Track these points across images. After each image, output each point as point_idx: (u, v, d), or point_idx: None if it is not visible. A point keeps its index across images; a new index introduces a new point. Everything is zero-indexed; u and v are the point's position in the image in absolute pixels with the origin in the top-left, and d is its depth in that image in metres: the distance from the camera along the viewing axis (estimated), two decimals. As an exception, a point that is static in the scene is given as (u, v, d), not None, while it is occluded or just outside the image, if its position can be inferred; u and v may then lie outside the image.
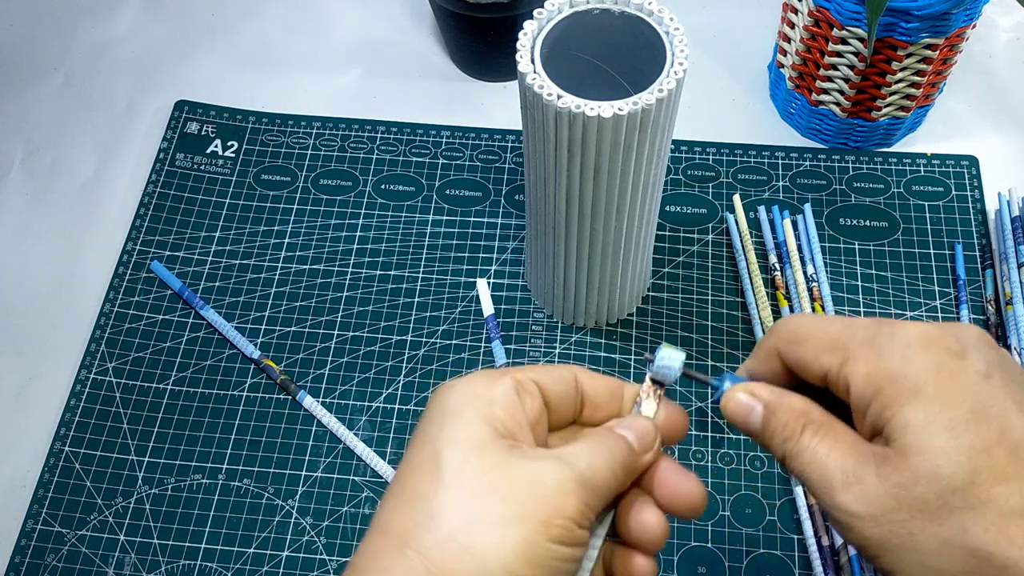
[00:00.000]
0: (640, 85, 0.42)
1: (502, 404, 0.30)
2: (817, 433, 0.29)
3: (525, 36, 0.43)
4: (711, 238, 0.60)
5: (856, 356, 0.28)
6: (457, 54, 0.68)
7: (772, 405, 0.31)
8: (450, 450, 0.28)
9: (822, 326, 0.30)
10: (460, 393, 0.30)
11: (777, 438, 0.30)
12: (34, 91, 0.69)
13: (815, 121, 0.63)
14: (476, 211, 0.62)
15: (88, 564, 0.51)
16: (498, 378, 0.31)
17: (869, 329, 0.29)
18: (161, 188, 0.63)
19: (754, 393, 0.31)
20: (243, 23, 0.72)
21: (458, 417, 0.29)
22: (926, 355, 0.27)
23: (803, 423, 0.30)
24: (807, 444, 0.29)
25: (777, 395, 0.31)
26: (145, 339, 0.57)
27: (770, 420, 0.31)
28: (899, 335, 0.28)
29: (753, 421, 0.31)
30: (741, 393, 0.31)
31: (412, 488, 0.28)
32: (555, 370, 0.32)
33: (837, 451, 0.28)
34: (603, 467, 0.29)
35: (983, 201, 0.61)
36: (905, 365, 0.27)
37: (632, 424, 0.32)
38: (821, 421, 0.30)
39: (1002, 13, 0.71)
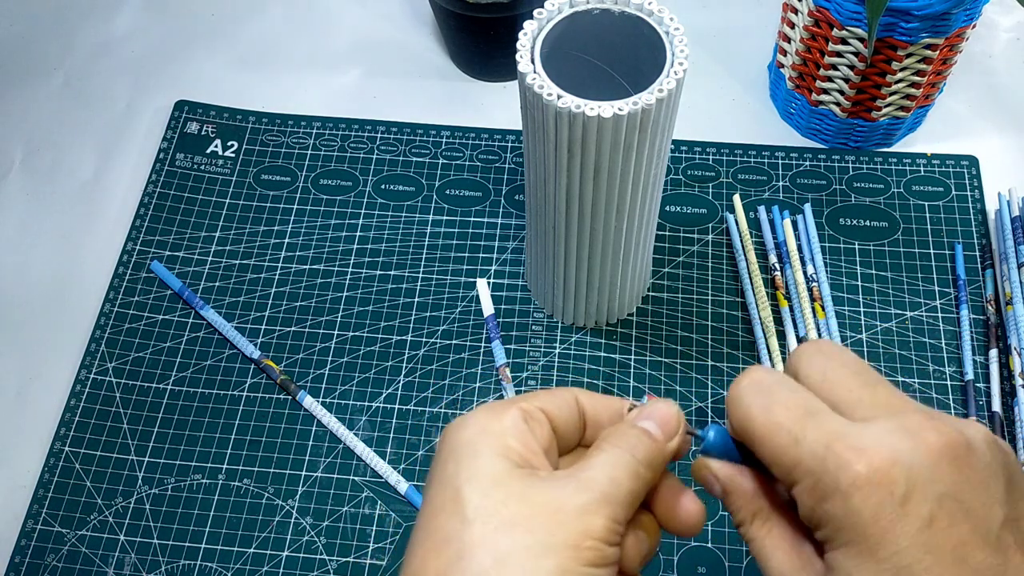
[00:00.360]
0: (640, 85, 0.42)
1: (513, 434, 0.30)
2: (764, 526, 0.30)
3: (525, 36, 0.43)
4: (711, 238, 0.60)
5: (801, 486, 0.28)
6: (457, 54, 0.68)
7: (726, 488, 0.31)
8: (469, 487, 0.28)
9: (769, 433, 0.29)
10: (471, 429, 0.30)
11: (735, 518, 0.31)
12: (34, 91, 0.69)
13: (815, 121, 0.63)
14: (476, 211, 0.62)
15: (88, 564, 0.51)
16: (505, 409, 0.31)
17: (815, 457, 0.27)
18: (161, 188, 0.63)
19: (711, 470, 0.31)
20: (243, 23, 0.72)
21: (473, 454, 0.29)
22: (867, 502, 0.26)
23: (752, 511, 0.30)
24: (755, 534, 0.30)
25: (731, 475, 0.31)
26: (145, 339, 0.57)
27: (726, 499, 0.31)
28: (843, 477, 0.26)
29: (716, 495, 0.31)
30: (702, 469, 0.32)
31: (437, 530, 0.28)
32: (557, 395, 0.32)
33: (780, 551, 0.29)
34: (625, 475, 0.29)
35: (983, 201, 0.61)
36: (845, 512, 0.26)
37: (651, 412, 0.31)
38: (768, 512, 0.30)
39: (1002, 13, 0.71)
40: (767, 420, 0.29)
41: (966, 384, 0.54)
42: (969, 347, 0.55)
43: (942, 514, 0.26)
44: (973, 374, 0.54)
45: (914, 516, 0.26)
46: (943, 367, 0.55)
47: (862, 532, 0.26)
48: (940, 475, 0.26)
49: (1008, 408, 0.53)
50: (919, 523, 0.26)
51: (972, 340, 0.55)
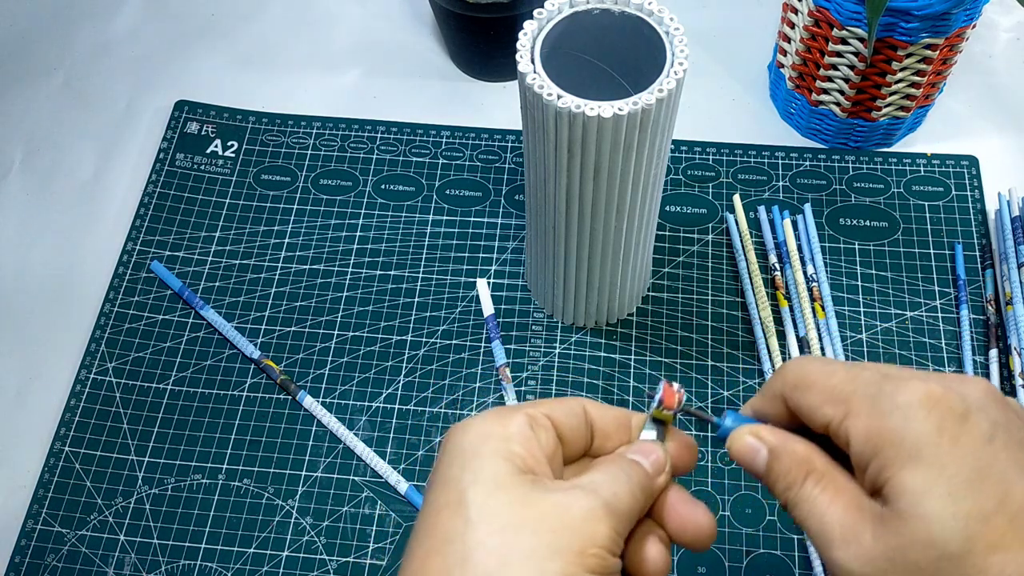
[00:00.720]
0: (640, 85, 0.42)
1: (518, 440, 0.30)
2: (819, 484, 0.29)
3: (525, 36, 0.43)
4: (711, 238, 0.60)
5: (857, 412, 0.28)
6: (457, 54, 0.68)
7: (776, 450, 0.30)
8: (474, 489, 0.28)
9: (827, 374, 0.30)
10: (475, 433, 0.30)
11: (780, 484, 0.30)
12: (34, 91, 0.69)
13: (815, 121, 0.63)
14: (476, 211, 0.62)
15: (88, 564, 0.51)
16: (510, 415, 0.31)
17: (872, 384, 0.28)
18: (161, 188, 0.63)
19: (760, 436, 0.31)
20: (243, 23, 0.72)
21: (477, 456, 0.29)
22: (928, 417, 0.27)
23: (805, 471, 0.30)
24: (808, 494, 0.29)
25: (782, 439, 0.31)
26: (145, 339, 0.57)
27: (774, 465, 0.30)
28: (901, 394, 0.27)
29: (758, 464, 0.31)
30: (748, 435, 0.31)
31: (440, 532, 0.28)
32: (565, 403, 0.32)
33: (837, 505, 0.28)
34: (625, 492, 0.29)
35: (983, 201, 0.61)
36: (905, 427, 0.27)
37: (641, 448, 0.32)
38: (823, 470, 0.29)
39: (1002, 13, 0.71)
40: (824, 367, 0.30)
41: (966, 384, 0.54)
42: (969, 347, 0.55)
43: (1000, 435, 0.27)
44: (973, 374, 0.54)
45: (975, 433, 0.27)
46: (943, 367, 0.55)
47: (926, 445, 0.26)
48: (991, 406, 0.27)
49: (1008, 408, 0.53)
50: (981, 439, 0.26)
51: (972, 340, 0.55)
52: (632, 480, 0.30)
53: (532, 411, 0.31)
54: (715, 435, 0.32)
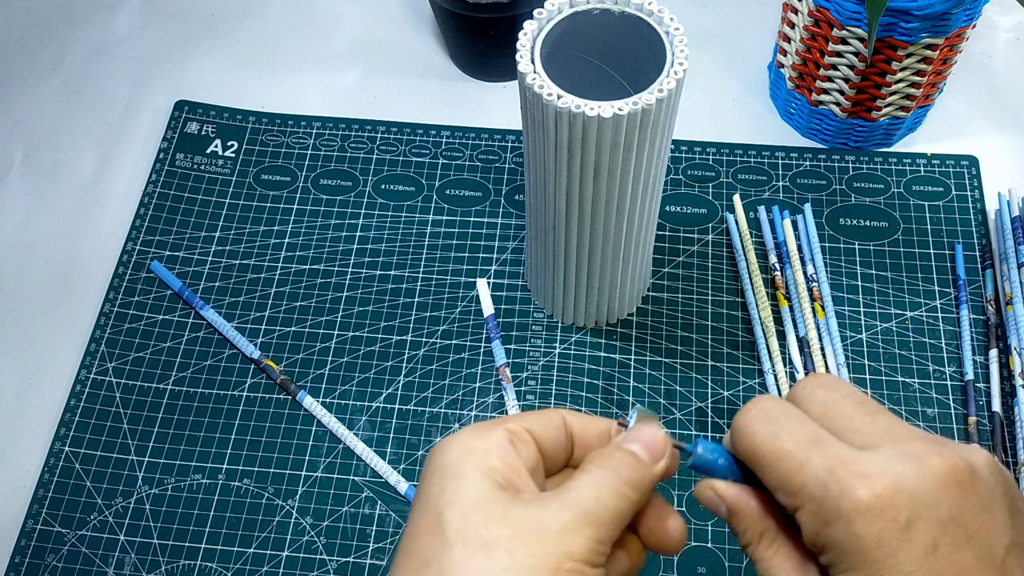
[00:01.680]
0: (640, 85, 0.42)
1: (498, 454, 0.30)
2: (771, 546, 0.30)
3: (525, 36, 0.43)
4: (711, 238, 0.60)
5: (805, 511, 0.28)
6: (457, 54, 0.68)
7: (732, 508, 0.31)
8: (450, 509, 0.28)
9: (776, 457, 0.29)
10: (455, 450, 0.30)
11: (740, 539, 0.31)
12: (34, 91, 0.69)
13: (815, 121, 0.63)
14: (476, 211, 0.62)
15: (88, 564, 0.51)
16: (490, 429, 0.30)
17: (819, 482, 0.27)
18: (161, 188, 0.63)
19: (717, 491, 0.31)
20: (243, 23, 0.72)
21: (456, 475, 0.29)
22: (870, 528, 0.26)
23: (760, 531, 0.30)
24: (762, 554, 0.30)
25: (737, 496, 0.31)
26: (145, 339, 0.57)
27: (731, 519, 0.31)
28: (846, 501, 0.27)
29: (721, 515, 0.31)
30: (707, 490, 0.32)
31: (419, 554, 0.28)
32: (544, 415, 0.32)
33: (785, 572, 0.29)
34: (610, 494, 0.29)
35: (983, 201, 0.61)
36: (848, 538, 0.27)
37: (637, 435, 0.31)
38: (775, 533, 0.30)
39: (1002, 13, 0.71)
40: (773, 447, 0.29)
41: (966, 384, 0.54)
42: (969, 347, 0.55)
43: (946, 540, 0.26)
44: (973, 374, 0.54)
45: (918, 542, 0.26)
46: (943, 367, 0.55)
47: (866, 557, 0.26)
48: (944, 501, 0.26)
49: (1008, 408, 0.53)
50: (923, 549, 0.26)
51: (972, 340, 0.55)
52: (621, 477, 0.29)
53: (512, 425, 0.31)
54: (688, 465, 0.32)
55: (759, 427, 0.30)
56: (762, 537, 0.30)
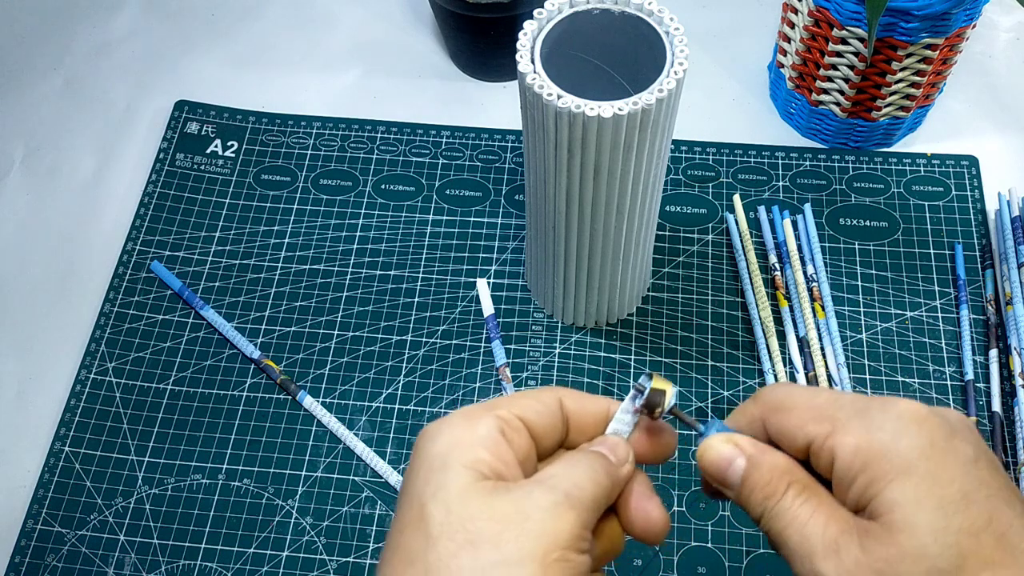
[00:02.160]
0: (640, 85, 0.42)
1: (485, 445, 0.29)
2: (801, 494, 0.28)
3: (525, 36, 0.43)
4: (711, 238, 0.60)
5: (845, 427, 0.28)
6: (457, 54, 0.68)
7: (755, 459, 0.30)
8: (434, 502, 0.28)
9: (809, 396, 0.29)
10: (442, 440, 0.29)
11: (757, 495, 0.29)
12: (34, 91, 0.69)
13: (815, 121, 0.63)
14: (476, 211, 0.62)
15: (88, 564, 0.51)
16: (480, 417, 0.30)
17: (859, 401, 0.28)
18: (161, 188, 0.63)
19: (737, 444, 0.30)
20: (243, 23, 0.72)
21: (441, 467, 0.28)
22: (918, 432, 0.27)
23: (788, 481, 0.29)
24: (789, 505, 0.28)
25: (760, 449, 0.30)
26: (145, 339, 0.57)
27: (751, 475, 0.29)
28: (891, 409, 0.27)
29: (732, 474, 0.30)
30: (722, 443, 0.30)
31: (403, 548, 0.28)
32: (540, 397, 0.32)
33: (820, 515, 0.28)
34: (587, 479, 0.29)
35: (983, 201, 0.61)
36: (896, 440, 0.27)
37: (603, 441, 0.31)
38: (805, 482, 0.29)
39: (1002, 13, 0.71)
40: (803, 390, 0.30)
41: (966, 384, 0.54)
42: (969, 347, 0.55)
43: (983, 458, 0.27)
44: (973, 374, 0.54)
45: (962, 452, 0.27)
46: (943, 367, 0.55)
47: (921, 459, 0.26)
48: (969, 432, 0.28)
49: (1008, 408, 0.53)
50: (967, 458, 0.27)
51: (972, 340, 0.55)
52: (594, 467, 0.29)
53: (503, 412, 0.30)
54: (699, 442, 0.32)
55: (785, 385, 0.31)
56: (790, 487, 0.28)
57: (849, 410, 0.28)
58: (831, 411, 0.28)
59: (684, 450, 0.53)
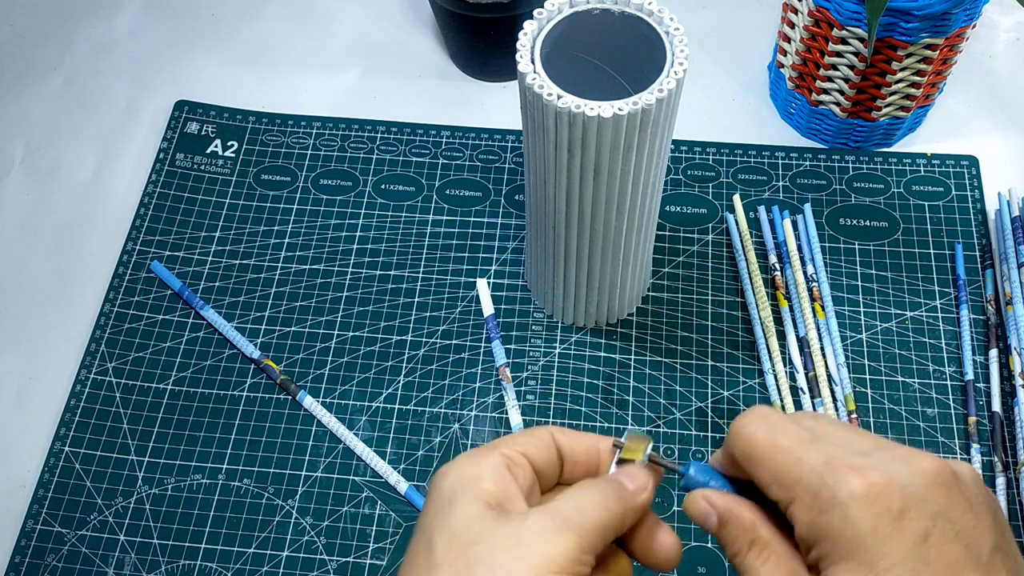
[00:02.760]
0: (640, 85, 0.42)
1: (490, 477, 0.30)
2: (760, 554, 0.30)
3: (525, 36, 0.43)
4: (711, 238, 0.60)
5: (800, 502, 0.28)
6: (457, 54, 0.68)
7: (724, 516, 0.31)
8: (439, 533, 0.29)
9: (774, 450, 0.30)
10: (450, 477, 0.31)
11: (728, 549, 0.31)
12: (34, 91, 0.69)
13: (815, 121, 0.63)
14: (476, 211, 0.62)
15: (88, 564, 0.51)
16: (485, 455, 0.31)
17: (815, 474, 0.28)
18: (161, 188, 0.63)
19: (710, 501, 0.32)
20: (243, 23, 0.72)
21: (450, 501, 0.30)
22: (864, 515, 0.27)
23: (750, 540, 0.30)
24: (751, 564, 0.30)
25: (730, 506, 0.31)
26: (145, 339, 0.57)
27: (721, 530, 0.31)
28: (841, 489, 0.27)
29: (710, 527, 0.32)
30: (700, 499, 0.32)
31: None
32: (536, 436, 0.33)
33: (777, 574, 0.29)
34: (592, 505, 0.30)
35: (983, 201, 0.61)
36: (843, 524, 0.27)
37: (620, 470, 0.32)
38: (767, 540, 0.30)
39: (1002, 13, 0.71)
40: (771, 442, 0.30)
41: (966, 384, 0.54)
42: (969, 347, 0.55)
43: (936, 532, 0.27)
44: (973, 374, 0.54)
45: (910, 532, 0.27)
46: (943, 367, 0.55)
47: (860, 544, 0.27)
48: (933, 496, 0.27)
49: (1008, 408, 0.53)
50: (915, 538, 0.27)
51: (972, 340, 0.55)
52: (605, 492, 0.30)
53: (507, 450, 0.32)
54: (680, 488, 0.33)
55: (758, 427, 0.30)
56: (752, 546, 0.30)
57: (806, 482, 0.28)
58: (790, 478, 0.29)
59: (684, 450, 0.53)
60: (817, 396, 0.54)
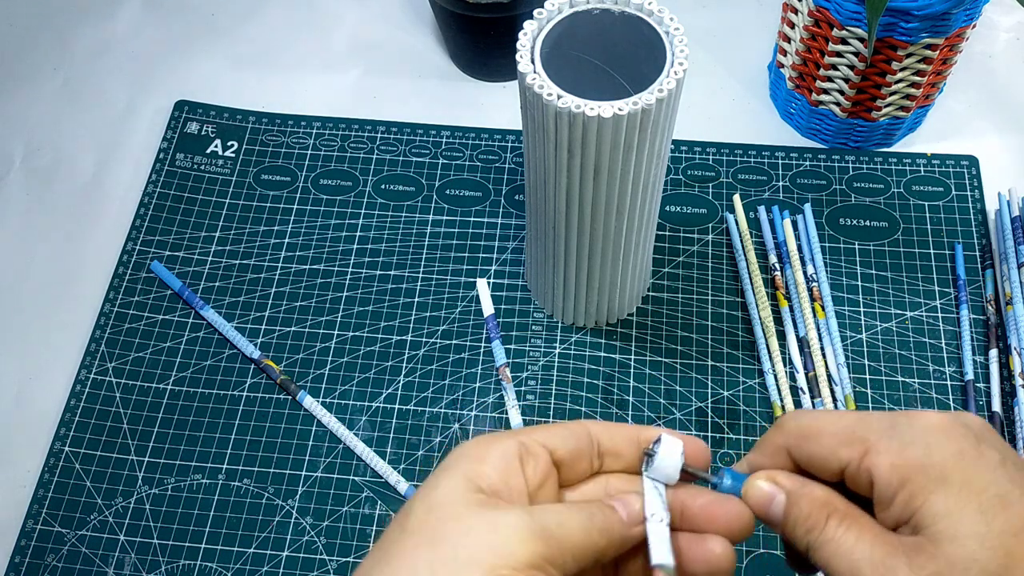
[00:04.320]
0: (640, 85, 0.42)
1: (493, 464, 0.30)
2: (842, 523, 0.29)
3: (525, 36, 0.43)
4: (711, 238, 0.60)
5: (877, 448, 0.28)
6: (457, 54, 0.68)
7: (794, 494, 0.30)
8: (420, 503, 0.29)
9: (833, 420, 0.30)
10: (459, 453, 0.30)
11: (800, 528, 0.30)
12: (34, 91, 0.69)
13: (815, 121, 0.63)
14: (476, 211, 0.62)
15: (88, 564, 0.51)
16: (499, 440, 0.30)
17: (885, 420, 0.29)
18: (161, 188, 0.63)
19: (776, 481, 0.31)
20: (243, 23, 0.72)
21: (442, 474, 0.30)
22: (947, 442, 0.27)
23: (827, 512, 0.29)
24: (832, 535, 0.29)
25: (799, 484, 0.30)
26: (145, 339, 0.57)
27: (792, 510, 0.30)
28: (917, 423, 0.28)
29: (774, 511, 0.30)
30: (763, 481, 0.31)
31: (383, 539, 0.29)
32: (566, 428, 0.32)
33: (864, 541, 0.28)
34: (575, 525, 0.29)
35: (983, 201, 0.61)
36: (929, 453, 0.27)
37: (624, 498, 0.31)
38: (845, 511, 0.29)
39: (1002, 13, 0.71)
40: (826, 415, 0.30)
41: (966, 384, 0.54)
42: (969, 347, 0.55)
43: (1008, 458, 0.28)
44: (973, 374, 0.54)
45: (989, 456, 0.27)
46: (943, 367, 0.55)
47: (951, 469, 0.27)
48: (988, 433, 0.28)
49: (1008, 408, 0.53)
50: (995, 461, 0.27)
51: (972, 340, 0.55)
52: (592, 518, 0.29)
53: (526, 439, 0.31)
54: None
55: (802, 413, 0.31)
56: (830, 517, 0.29)
57: (878, 429, 0.29)
58: (860, 432, 0.29)
59: (684, 450, 0.53)
60: (817, 396, 0.54)
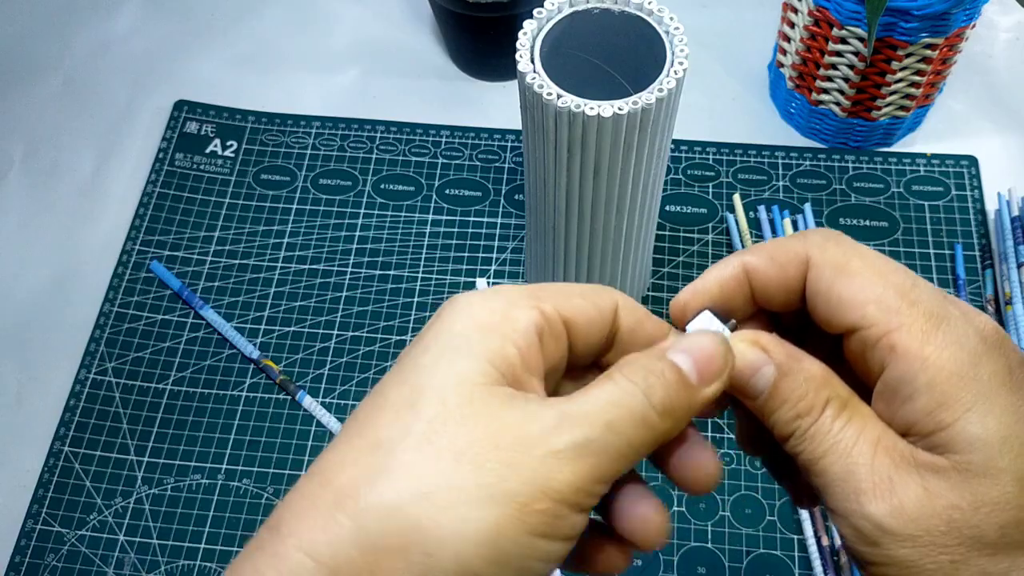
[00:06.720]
0: (640, 85, 0.42)
1: (518, 343, 0.23)
2: (842, 414, 0.23)
3: (525, 36, 0.43)
4: (711, 238, 0.60)
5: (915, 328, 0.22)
6: (457, 54, 0.68)
7: (785, 367, 0.24)
8: (433, 391, 0.22)
9: (879, 266, 0.23)
10: (471, 320, 0.24)
11: (787, 411, 0.23)
12: (34, 91, 0.69)
13: (815, 121, 0.63)
14: (476, 211, 0.62)
15: (88, 564, 0.50)
16: (522, 306, 0.24)
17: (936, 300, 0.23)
18: (161, 188, 0.63)
19: (765, 347, 0.24)
20: (243, 23, 0.72)
21: (459, 351, 0.23)
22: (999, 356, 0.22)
23: (826, 396, 0.23)
24: (828, 426, 0.23)
25: (793, 355, 0.24)
26: (145, 339, 0.57)
27: (781, 385, 0.24)
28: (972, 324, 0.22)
29: (757, 383, 0.24)
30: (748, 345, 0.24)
31: (375, 430, 0.22)
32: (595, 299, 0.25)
33: (866, 442, 0.22)
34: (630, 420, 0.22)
35: (983, 201, 0.61)
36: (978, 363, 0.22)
37: (690, 346, 0.24)
38: (846, 398, 0.23)
39: (1002, 13, 0.71)
40: (876, 256, 0.25)
41: (966, 384, 0.54)
42: (969, 347, 0.55)
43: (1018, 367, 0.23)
44: (973, 374, 0.54)
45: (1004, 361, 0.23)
46: (943, 367, 0.55)
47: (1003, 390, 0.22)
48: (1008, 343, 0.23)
49: (1008, 408, 0.53)
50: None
51: (972, 340, 0.55)
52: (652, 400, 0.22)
53: (548, 308, 0.24)
54: None
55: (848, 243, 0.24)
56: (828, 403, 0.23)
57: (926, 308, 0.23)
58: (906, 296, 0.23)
59: (684, 450, 0.53)
60: (817, 396, 0.53)
